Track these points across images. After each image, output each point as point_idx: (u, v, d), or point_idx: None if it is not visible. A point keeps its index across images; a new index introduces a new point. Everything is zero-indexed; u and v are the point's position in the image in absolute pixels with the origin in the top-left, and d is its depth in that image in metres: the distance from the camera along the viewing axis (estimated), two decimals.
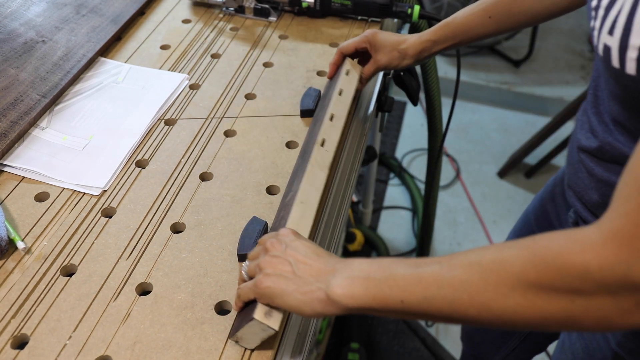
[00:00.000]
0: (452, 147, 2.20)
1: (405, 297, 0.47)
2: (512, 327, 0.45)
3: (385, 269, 0.49)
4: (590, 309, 0.41)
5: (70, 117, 0.83)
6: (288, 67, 0.94)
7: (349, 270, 0.50)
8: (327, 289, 0.50)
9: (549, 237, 0.43)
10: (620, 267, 0.38)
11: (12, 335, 0.57)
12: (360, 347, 1.45)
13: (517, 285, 0.43)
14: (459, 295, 0.45)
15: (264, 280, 0.52)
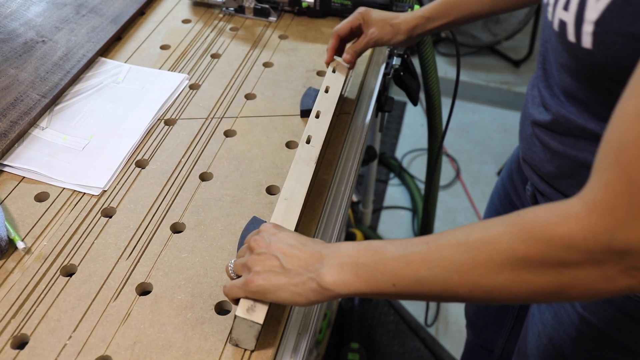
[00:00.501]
0: (452, 147, 2.20)
1: (396, 281, 0.48)
2: (502, 301, 0.46)
3: (373, 253, 0.49)
4: (578, 279, 0.42)
5: (70, 117, 0.83)
6: (288, 67, 0.94)
7: (336, 256, 0.51)
8: (318, 277, 0.50)
9: (534, 212, 0.44)
10: (604, 235, 0.40)
11: (12, 335, 0.57)
12: (360, 347, 1.45)
13: (506, 261, 0.44)
14: (450, 275, 0.46)
15: (255, 278, 0.52)
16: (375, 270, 0.48)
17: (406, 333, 1.63)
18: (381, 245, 0.50)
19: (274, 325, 0.59)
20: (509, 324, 1.03)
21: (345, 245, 0.52)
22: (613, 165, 0.40)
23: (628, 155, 0.39)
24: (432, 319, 1.68)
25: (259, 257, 0.53)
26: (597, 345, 0.69)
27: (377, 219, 1.93)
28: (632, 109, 0.39)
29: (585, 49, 0.49)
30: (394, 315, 1.67)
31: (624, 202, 0.39)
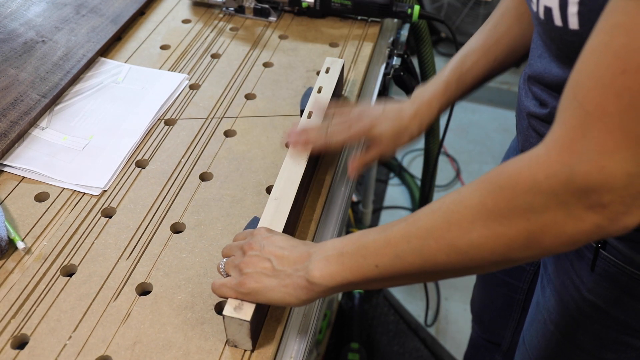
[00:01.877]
0: (452, 147, 2.20)
1: (378, 261, 0.48)
2: (481, 263, 0.46)
3: (355, 241, 0.51)
4: (546, 223, 0.42)
5: (70, 117, 0.83)
6: (288, 67, 0.94)
7: (322, 251, 0.52)
8: (306, 274, 0.51)
9: (501, 165, 0.45)
10: (564, 171, 0.40)
11: (12, 335, 0.57)
12: (360, 347, 1.45)
13: (477, 216, 0.44)
14: (427, 243, 0.46)
15: (246, 280, 0.53)
16: (358, 256, 0.50)
17: (406, 333, 1.63)
18: (363, 233, 0.51)
19: (274, 325, 0.59)
20: (515, 316, 1.03)
21: (330, 241, 0.53)
22: (571, 101, 0.40)
23: (583, 89, 0.39)
24: (432, 319, 1.68)
25: (251, 259, 0.55)
26: (604, 327, 0.69)
27: (377, 219, 1.93)
28: (591, 46, 0.39)
29: (573, 30, 0.49)
30: (394, 315, 1.67)
31: (579, 135, 0.39)
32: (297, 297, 0.52)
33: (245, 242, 0.57)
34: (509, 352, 1.10)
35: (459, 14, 2.35)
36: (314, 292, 0.52)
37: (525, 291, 0.98)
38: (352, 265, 0.50)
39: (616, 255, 0.63)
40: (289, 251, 0.54)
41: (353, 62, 0.95)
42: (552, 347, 0.78)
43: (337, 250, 0.51)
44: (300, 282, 0.52)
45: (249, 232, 0.59)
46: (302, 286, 0.52)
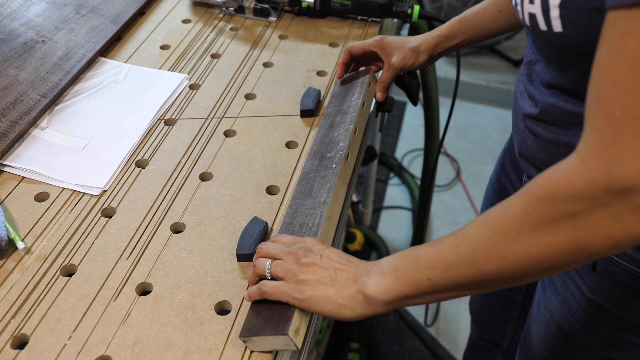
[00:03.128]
0: (452, 147, 2.20)
1: (430, 274, 0.50)
2: (531, 271, 0.47)
3: (408, 256, 0.52)
4: (592, 228, 0.43)
5: (70, 117, 0.83)
6: (288, 67, 0.94)
7: (379, 267, 0.54)
8: (364, 289, 0.53)
9: (538, 177, 0.46)
10: (602, 177, 0.41)
11: (12, 335, 0.57)
12: (360, 347, 1.45)
13: (521, 227, 0.45)
14: (476, 255, 0.48)
15: (304, 288, 0.54)
16: (411, 269, 0.51)
17: (406, 333, 1.63)
18: (415, 248, 0.53)
19: None
20: (515, 315, 1.03)
21: (386, 257, 0.55)
22: (596, 111, 0.42)
23: (607, 97, 0.40)
24: (432, 319, 1.68)
25: (310, 267, 0.55)
26: (606, 326, 0.70)
27: (377, 219, 1.93)
28: (604, 56, 0.41)
29: (557, 33, 0.52)
30: (394, 315, 1.67)
31: (612, 142, 0.40)
32: (353, 310, 0.53)
33: (297, 247, 0.57)
34: (508, 352, 1.10)
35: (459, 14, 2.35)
36: (372, 306, 0.53)
37: (524, 291, 0.98)
38: (407, 279, 0.51)
39: (618, 254, 0.63)
40: (347, 265, 0.55)
41: None
42: (555, 347, 0.78)
43: (392, 266, 0.53)
44: (357, 296, 0.53)
45: (298, 239, 0.59)
46: (359, 300, 0.53)
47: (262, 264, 0.58)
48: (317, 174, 0.70)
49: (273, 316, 0.55)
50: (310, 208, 0.65)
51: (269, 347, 0.55)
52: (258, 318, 0.56)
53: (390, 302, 0.52)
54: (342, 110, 0.79)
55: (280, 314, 0.55)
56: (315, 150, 0.74)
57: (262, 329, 0.55)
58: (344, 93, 0.83)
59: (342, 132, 0.75)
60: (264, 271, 0.57)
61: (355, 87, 0.82)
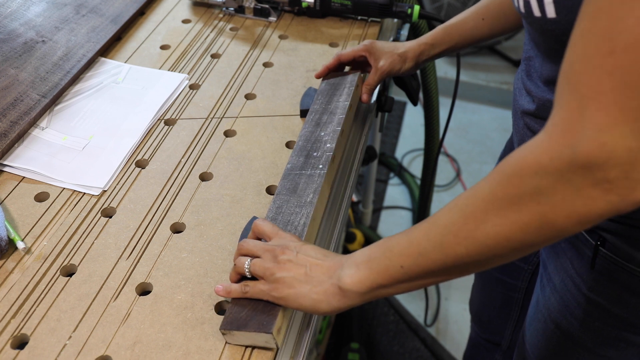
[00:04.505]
0: (452, 147, 2.20)
1: (403, 262, 0.51)
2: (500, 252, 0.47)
3: (381, 245, 0.53)
4: (556, 203, 0.43)
5: (70, 117, 0.83)
6: (288, 67, 0.94)
7: (353, 259, 0.54)
8: (339, 282, 0.53)
9: (508, 156, 0.47)
10: (567, 151, 0.41)
11: (12, 335, 0.57)
12: (360, 347, 1.45)
13: (489, 207, 0.46)
14: (446, 239, 0.48)
15: (280, 286, 0.55)
16: (384, 259, 0.52)
17: (406, 333, 1.63)
18: (389, 238, 0.54)
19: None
20: (514, 315, 1.03)
21: (360, 250, 0.55)
22: (565, 87, 0.42)
23: (575, 72, 0.41)
24: (432, 319, 1.68)
25: (286, 264, 0.56)
26: (604, 324, 0.70)
27: (377, 219, 1.93)
28: (577, 33, 0.41)
29: (551, 19, 0.52)
30: (394, 315, 1.67)
31: (577, 116, 0.40)
32: (328, 304, 0.54)
33: (275, 245, 0.58)
34: (508, 351, 1.10)
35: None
36: (347, 298, 0.53)
37: (523, 290, 0.98)
38: (380, 268, 0.52)
39: (616, 253, 0.63)
40: (322, 260, 0.56)
41: None
42: (552, 345, 0.78)
43: (366, 257, 0.53)
44: (332, 290, 0.54)
45: (278, 232, 0.60)
46: (334, 293, 0.54)
47: (241, 262, 0.58)
48: (303, 172, 0.70)
49: (256, 312, 0.56)
50: (296, 206, 0.66)
51: (248, 342, 0.56)
52: (240, 312, 0.56)
53: (365, 293, 0.53)
54: (329, 109, 0.79)
55: (264, 311, 0.56)
56: (301, 147, 0.74)
57: (245, 325, 0.55)
58: (331, 92, 0.83)
59: (329, 132, 0.75)
60: (244, 270, 0.58)
61: (343, 88, 0.83)
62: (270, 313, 0.55)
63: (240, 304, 0.57)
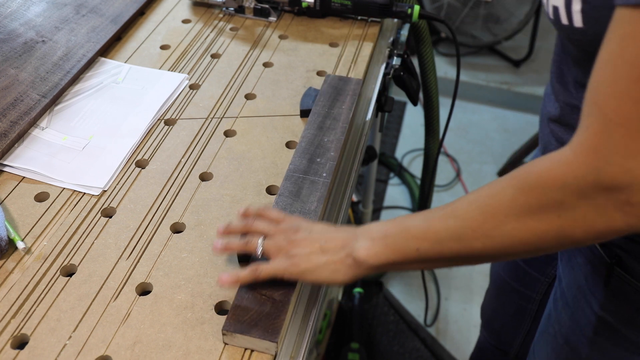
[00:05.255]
0: (452, 147, 2.20)
1: (419, 245, 0.52)
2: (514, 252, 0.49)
3: (399, 224, 0.54)
4: (577, 219, 0.45)
5: (70, 117, 0.83)
6: (288, 67, 0.94)
7: (368, 232, 0.55)
8: (353, 252, 0.55)
9: (531, 164, 0.48)
10: (591, 173, 0.43)
11: (12, 335, 0.57)
12: (360, 347, 1.45)
13: (509, 211, 0.48)
14: (465, 232, 0.50)
15: (299, 261, 0.56)
16: (400, 238, 0.53)
17: (406, 333, 1.63)
18: (405, 217, 0.55)
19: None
20: (526, 325, 1.03)
21: (375, 223, 0.57)
22: (592, 108, 0.43)
23: (603, 96, 0.42)
24: (432, 319, 1.68)
25: (300, 242, 0.57)
26: (614, 345, 0.69)
27: (377, 219, 1.93)
28: (605, 55, 0.42)
29: (578, 28, 0.52)
30: (394, 315, 1.67)
31: (603, 140, 0.42)
32: (344, 274, 0.55)
33: (287, 226, 0.59)
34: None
35: (459, 14, 2.35)
36: (360, 269, 0.55)
37: (538, 302, 0.97)
38: (395, 247, 0.53)
39: (631, 273, 0.63)
40: (336, 233, 0.57)
41: (353, 62, 0.95)
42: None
43: (382, 232, 0.54)
44: (347, 261, 0.55)
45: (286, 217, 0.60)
46: (349, 264, 0.55)
47: (253, 241, 0.58)
48: (306, 176, 0.70)
49: (261, 317, 0.56)
50: (299, 212, 0.66)
51: (247, 345, 0.56)
52: (244, 315, 0.56)
53: (378, 267, 0.54)
54: (332, 115, 0.79)
55: (269, 318, 0.56)
56: (304, 149, 0.74)
57: (249, 330, 0.55)
58: (334, 95, 0.83)
59: (332, 140, 0.76)
60: (256, 249, 0.58)
61: (346, 94, 0.83)
62: (276, 321, 0.56)
63: (243, 306, 0.57)
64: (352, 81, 0.85)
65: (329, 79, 0.86)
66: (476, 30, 2.41)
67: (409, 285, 1.76)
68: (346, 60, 0.95)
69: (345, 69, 0.93)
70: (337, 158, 0.73)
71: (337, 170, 0.75)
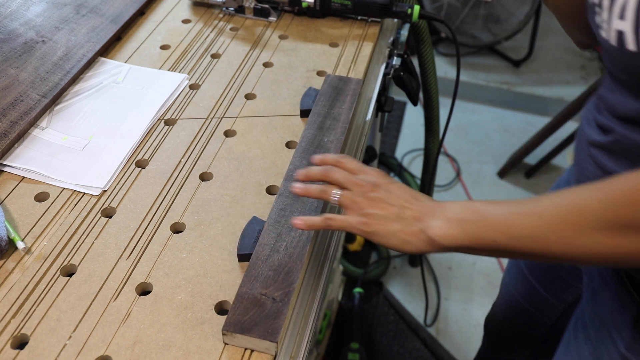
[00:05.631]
0: (452, 147, 2.20)
1: (497, 237, 0.52)
2: (590, 262, 0.49)
3: (477, 211, 0.54)
4: None
5: (70, 117, 0.83)
6: (288, 67, 0.94)
7: (445, 212, 0.55)
8: (428, 229, 0.55)
9: (622, 179, 0.46)
10: None
11: (12, 335, 0.57)
12: (360, 347, 1.45)
13: (596, 225, 0.47)
14: (546, 236, 0.49)
15: (371, 221, 0.56)
16: (477, 227, 0.53)
17: (406, 333, 1.63)
18: (483, 204, 0.54)
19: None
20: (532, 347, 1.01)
21: (453, 203, 0.56)
22: None
23: None
24: (432, 319, 1.68)
25: (376, 202, 0.57)
26: None
27: None
28: None
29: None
30: (394, 315, 1.67)
31: None
32: (416, 247, 0.55)
33: (364, 180, 0.58)
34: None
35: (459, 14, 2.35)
36: (433, 247, 0.55)
37: (548, 327, 0.95)
38: (472, 233, 0.53)
39: None
40: (413, 203, 0.57)
41: (353, 62, 0.95)
42: None
43: (459, 215, 0.54)
44: (421, 236, 0.55)
45: (363, 168, 0.60)
46: (422, 239, 0.55)
47: (330, 191, 0.59)
48: None
49: (261, 317, 0.56)
50: (300, 212, 0.66)
51: (247, 345, 0.56)
52: (244, 315, 0.56)
53: (451, 248, 0.54)
54: (333, 114, 0.80)
55: (269, 318, 0.56)
56: (304, 149, 0.74)
57: (250, 329, 0.55)
58: (334, 95, 0.83)
59: (332, 140, 0.76)
60: (331, 198, 0.59)
61: (346, 94, 0.83)
62: (277, 322, 0.56)
63: (243, 306, 0.57)
64: (352, 81, 0.85)
65: (329, 79, 0.86)
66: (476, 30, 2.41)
67: (409, 285, 1.76)
68: (346, 60, 0.95)
69: (345, 69, 0.93)
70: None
71: None
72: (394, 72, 0.97)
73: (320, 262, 0.68)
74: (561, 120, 1.89)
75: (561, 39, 2.72)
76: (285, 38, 1.01)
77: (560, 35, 2.73)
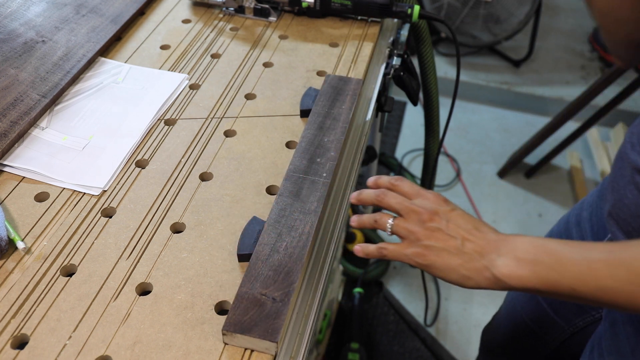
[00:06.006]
0: (452, 147, 2.20)
1: (577, 286, 0.47)
2: None
3: (552, 253, 0.49)
4: None
5: (70, 117, 0.83)
6: (288, 67, 0.94)
7: (513, 249, 0.51)
8: (493, 267, 0.51)
9: None
10: None
11: (12, 335, 0.57)
12: (360, 347, 1.45)
13: None
14: (635, 289, 0.45)
15: (427, 253, 0.53)
16: (553, 272, 0.48)
17: (406, 333, 1.63)
18: (559, 247, 0.50)
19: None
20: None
21: (520, 239, 0.52)
22: None
23: None
24: (432, 319, 1.68)
25: (434, 233, 0.53)
26: None
27: None
28: None
29: None
30: (394, 315, 1.67)
31: None
32: (477, 283, 0.52)
33: (421, 207, 0.55)
34: None
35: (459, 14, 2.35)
36: (497, 285, 0.51)
37: (553, 349, 0.92)
38: (547, 279, 0.49)
39: None
40: (476, 236, 0.53)
41: (353, 62, 0.95)
42: None
43: (530, 255, 0.50)
44: (484, 273, 0.51)
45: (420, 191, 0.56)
46: (485, 277, 0.51)
47: (384, 220, 0.56)
48: (306, 176, 0.70)
49: (261, 317, 0.56)
50: (300, 213, 0.66)
51: (247, 345, 0.56)
52: (244, 315, 0.56)
53: (517, 288, 0.50)
54: (333, 114, 0.80)
55: (269, 318, 0.56)
56: (304, 149, 0.74)
57: (250, 329, 0.55)
58: (334, 95, 0.83)
59: (332, 140, 0.76)
60: (386, 228, 0.56)
61: (346, 94, 0.83)
62: (277, 322, 0.55)
63: (243, 306, 0.57)
64: (352, 81, 0.85)
65: (329, 79, 0.86)
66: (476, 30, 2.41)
67: (409, 285, 1.76)
68: (346, 60, 0.95)
69: (345, 69, 0.93)
70: (337, 158, 0.73)
71: (337, 170, 0.75)
72: (394, 72, 0.97)
73: (320, 262, 0.68)
74: (561, 120, 1.89)
75: (561, 39, 2.72)
76: (285, 38, 1.01)
77: (560, 35, 2.74)
